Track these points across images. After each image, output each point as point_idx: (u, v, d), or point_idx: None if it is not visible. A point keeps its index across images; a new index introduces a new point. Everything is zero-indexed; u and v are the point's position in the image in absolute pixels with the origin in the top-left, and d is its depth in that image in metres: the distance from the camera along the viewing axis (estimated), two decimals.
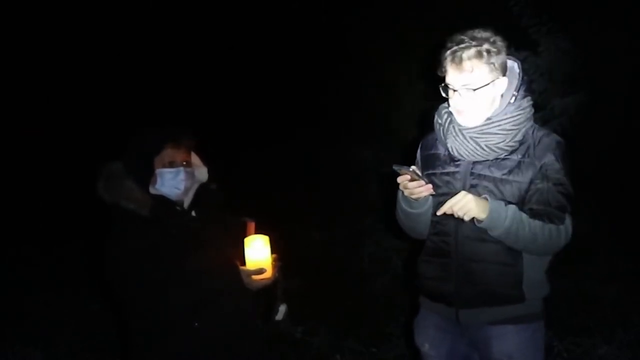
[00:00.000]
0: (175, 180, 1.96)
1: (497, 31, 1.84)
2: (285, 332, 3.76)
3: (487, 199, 1.76)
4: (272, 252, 2.02)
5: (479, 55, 1.78)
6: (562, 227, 1.81)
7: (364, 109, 6.59)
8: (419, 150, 2.08)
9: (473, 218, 1.78)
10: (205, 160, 2.09)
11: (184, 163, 1.99)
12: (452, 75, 1.82)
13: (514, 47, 3.97)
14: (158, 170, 1.94)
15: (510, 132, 1.83)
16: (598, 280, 4.15)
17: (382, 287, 4.58)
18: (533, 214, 1.79)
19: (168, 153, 1.96)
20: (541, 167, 1.81)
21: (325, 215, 5.94)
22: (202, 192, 2.06)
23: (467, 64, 1.78)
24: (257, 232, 2.04)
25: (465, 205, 1.73)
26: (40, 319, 4.14)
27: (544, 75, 4.38)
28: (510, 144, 1.84)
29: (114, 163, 1.97)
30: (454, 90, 1.83)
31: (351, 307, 4.26)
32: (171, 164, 1.96)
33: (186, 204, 2.03)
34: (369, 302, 4.36)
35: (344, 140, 6.73)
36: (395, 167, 1.83)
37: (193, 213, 2.04)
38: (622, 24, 4.34)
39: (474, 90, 1.80)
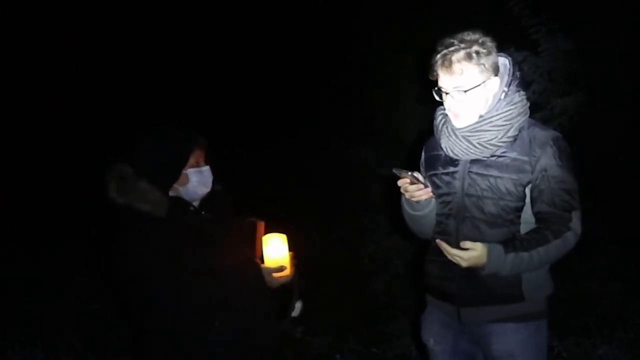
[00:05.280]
0: (204, 179, 2.00)
1: (488, 32, 1.84)
2: (286, 332, 3.75)
3: (486, 251, 1.76)
4: (289, 250, 2.06)
5: (469, 57, 1.79)
6: (568, 233, 1.81)
7: (363, 109, 6.61)
8: (423, 151, 2.11)
9: (474, 219, 1.87)
10: (208, 159, 2.11)
11: (205, 162, 2.03)
12: (443, 78, 1.84)
13: (514, 47, 4.00)
14: (189, 171, 1.97)
15: (502, 127, 1.84)
16: (598, 280, 4.15)
17: (382, 287, 4.58)
18: (539, 220, 1.82)
19: (195, 154, 1.99)
20: (539, 165, 1.81)
21: (325, 215, 5.94)
22: (210, 192, 2.07)
23: (456, 67, 1.79)
24: (268, 231, 2.07)
25: (462, 259, 1.78)
26: (40, 319, 4.14)
27: (543, 75, 4.39)
28: (504, 139, 1.84)
29: (123, 165, 1.95)
30: (447, 93, 1.85)
31: (351, 307, 4.26)
32: (198, 164, 1.99)
33: (196, 205, 2.05)
34: (369, 302, 4.36)
35: (343, 140, 6.74)
36: (395, 171, 1.86)
37: (203, 213, 2.05)
38: (622, 24, 4.35)
39: (465, 92, 1.81)
